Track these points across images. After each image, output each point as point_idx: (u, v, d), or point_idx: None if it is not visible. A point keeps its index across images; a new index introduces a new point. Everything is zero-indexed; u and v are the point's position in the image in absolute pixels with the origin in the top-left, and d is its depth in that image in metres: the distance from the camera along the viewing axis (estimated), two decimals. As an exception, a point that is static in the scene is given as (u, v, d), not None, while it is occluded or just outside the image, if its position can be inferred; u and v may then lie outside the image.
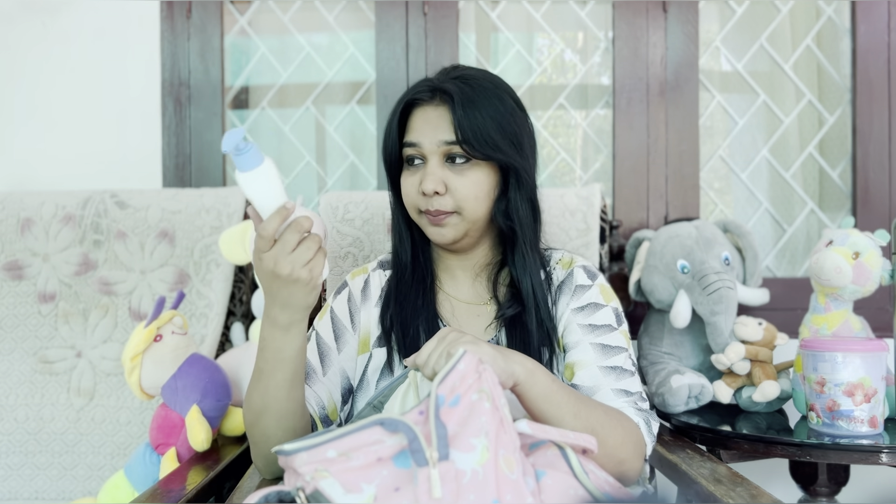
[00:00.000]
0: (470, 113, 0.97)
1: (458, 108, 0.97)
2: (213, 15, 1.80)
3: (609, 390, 0.96)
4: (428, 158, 0.99)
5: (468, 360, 0.75)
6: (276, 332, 0.88)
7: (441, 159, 0.99)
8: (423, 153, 0.99)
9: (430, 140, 0.99)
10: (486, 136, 0.97)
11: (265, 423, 0.92)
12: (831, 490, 1.42)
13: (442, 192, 0.98)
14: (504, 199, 1.01)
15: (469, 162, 0.99)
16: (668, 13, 1.78)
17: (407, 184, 1.02)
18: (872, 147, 1.79)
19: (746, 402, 1.36)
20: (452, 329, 0.85)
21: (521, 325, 1.01)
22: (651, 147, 1.79)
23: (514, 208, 1.01)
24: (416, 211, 1.02)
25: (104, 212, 1.56)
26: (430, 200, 0.98)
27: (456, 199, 0.98)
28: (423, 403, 0.72)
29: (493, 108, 0.99)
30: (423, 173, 0.99)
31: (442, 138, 0.98)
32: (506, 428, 0.72)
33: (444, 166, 0.99)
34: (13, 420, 1.46)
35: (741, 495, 0.92)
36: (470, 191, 0.98)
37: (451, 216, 0.99)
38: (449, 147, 0.98)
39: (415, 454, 0.67)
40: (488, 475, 0.67)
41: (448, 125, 0.98)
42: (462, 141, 0.97)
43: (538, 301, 1.01)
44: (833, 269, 1.29)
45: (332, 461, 0.68)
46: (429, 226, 1.01)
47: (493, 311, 1.05)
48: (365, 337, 1.06)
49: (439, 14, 1.79)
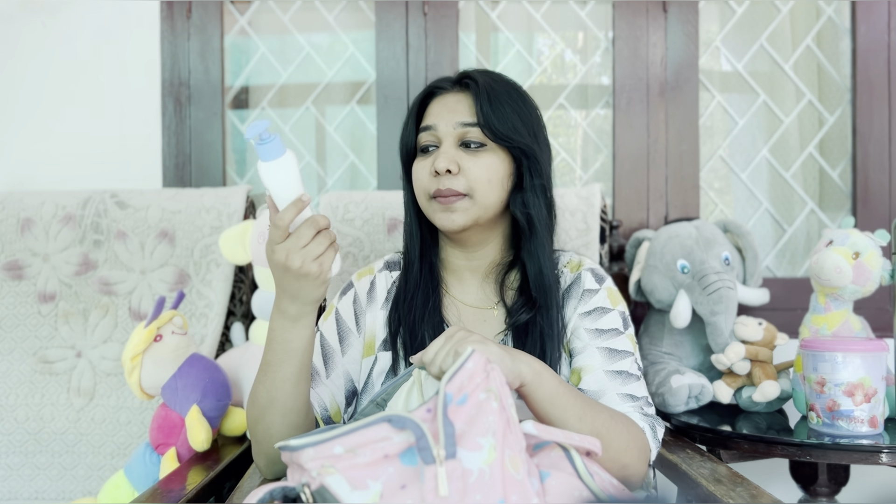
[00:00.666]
0: (493, 97, 0.99)
1: (482, 92, 0.99)
2: (213, 15, 1.80)
3: (615, 395, 0.96)
4: (443, 141, 1.00)
5: (476, 359, 0.75)
6: (286, 324, 0.88)
7: (455, 142, 1.00)
8: (439, 136, 1.00)
9: (445, 122, 1.00)
10: (506, 119, 0.99)
11: (270, 418, 0.92)
12: (831, 490, 1.42)
13: (455, 171, 0.98)
14: (520, 191, 1.02)
15: (484, 147, 1.00)
16: (668, 13, 1.79)
17: (419, 168, 1.02)
18: (872, 147, 1.79)
19: (746, 402, 1.36)
20: (460, 328, 0.85)
21: (532, 329, 1.00)
22: (651, 147, 1.79)
23: (531, 199, 1.01)
24: (427, 196, 1.01)
25: (104, 212, 1.56)
26: (441, 179, 0.98)
27: (468, 180, 0.98)
28: (431, 401, 0.71)
29: (514, 100, 1.01)
30: (436, 154, 0.99)
31: (459, 120, 0.99)
32: (512, 428, 0.72)
33: (459, 149, 1.00)
34: (13, 420, 1.46)
35: (741, 495, 0.92)
36: (483, 173, 0.98)
37: (462, 199, 0.98)
38: (465, 129, 0.99)
39: (422, 452, 0.67)
40: (495, 475, 0.67)
41: (466, 109, 1.00)
42: (483, 124, 0.98)
43: (551, 301, 1.01)
44: (833, 269, 1.29)
45: (339, 457, 0.68)
46: (438, 211, 1.00)
47: (501, 314, 1.04)
48: (370, 340, 1.05)
49: (439, 14, 1.79)
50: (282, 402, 0.91)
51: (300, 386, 0.91)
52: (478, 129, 0.99)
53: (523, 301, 1.02)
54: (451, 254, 1.08)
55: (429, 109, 1.03)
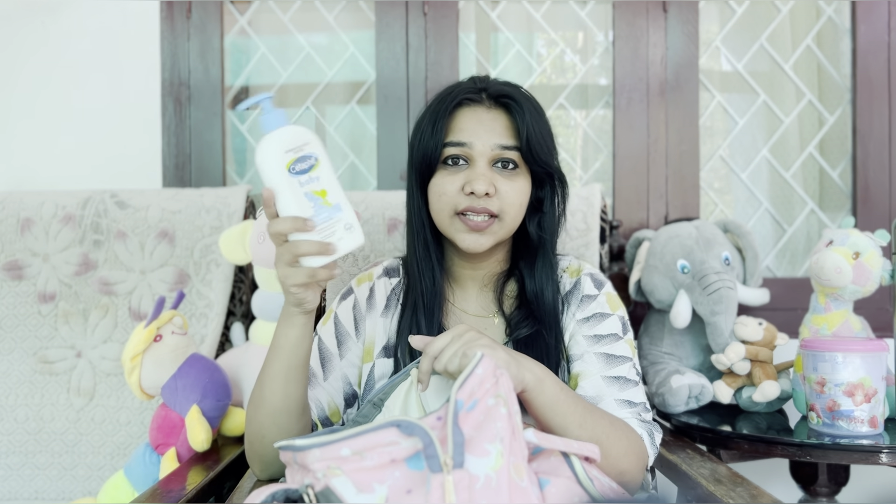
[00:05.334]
0: (533, 120, 0.97)
1: (526, 115, 0.96)
2: (213, 15, 1.80)
3: (612, 400, 0.95)
4: (476, 160, 0.97)
5: (486, 364, 0.74)
6: (281, 319, 0.89)
7: (490, 162, 0.97)
8: (472, 154, 0.97)
9: (483, 142, 0.97)
10: (544, 145, 0.98)
11: (260, 417, 0.92)
12: (831, 490, 1.42)
13: (492, 193, 0.96)
14: (538, 212, 1.02)
15: (517, 169, 0.98)
16: (668, 13, 1.78)
17: (445, 182, 0.98)
18: (872, 147, 1.79)
19: (746, 402, 1.36)
20: (469, 327, 0.84)
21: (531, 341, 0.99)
22: (651, 147, 1.79)
23: (549, 221, 1.02)
24: (451, 213, 0.98)
25: (104, 212, 1.56)
26: (475, 198, 0.96)
27: (502, 203, 0.97)
28: (442, 409, 0.71)
29: (543, 122, 1.00)
30: (471, 174, 0.96)
31: (498, 142, 0.97)
32: (517, 435, 0.72)
33: (493, 170, 0.98)
34: (13, 420, 1.46)
35: (741, 495, 0.92)
36: (517, 197, 0.98)
37: (494, 223, 0.97)
38: (503, 152, 0.97)
39: (429, 459, 0.66)
40: (501, 481, 0.67)
41: (504, 129, 0.97)
42: (526, 149, 0.96)
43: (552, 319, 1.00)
44: (833, 269, 1.29)
45: (346, 459, 0.68)
46: (464, 231, 0.97)
47: (500, 323, 1.04)
48: (369, 346, 1.05)
49: (439, 14, 1.79)
50: (269, 401, 0.91)
51: (289, 387, 0.90)
52: (516, 152, 0.97)
53: (523, 314, 1.01)
54: (456, 263, 1.07)
55: (457, 121, 0.98)
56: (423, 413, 0.84)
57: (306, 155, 0.81)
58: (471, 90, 1.00)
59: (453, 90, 1.01)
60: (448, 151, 0.98)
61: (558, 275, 1.06)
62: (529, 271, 1.02)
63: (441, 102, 1.00)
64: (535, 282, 1.01)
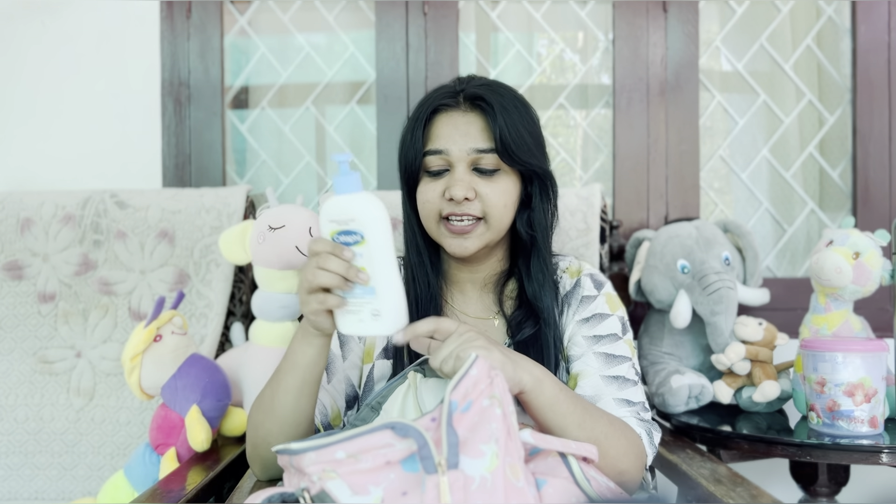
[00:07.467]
0: (508, 120, 0.95)
1: (498, 116, 0.95)
2: (213, 15, 1.80)
3: (611, 400, 0.95)
4: (455, 166, 0.97)
5: (480, 365, 0.74)
6: (298, 335, 0.90)
7: (468, 167, 0.97)
8: (451, 161, 0.97)
9: (458, 147, 0.96)
10: (523, 144, 0.96)
11: (269, 425, 0.92)
12: (831, 490, 1.42)
13: (472, 198, 0.96)
14: (527, 210, 1.01)
15: (498, 171, 0.98)
16: (668, 13, 1.78)
17: (427, 190, 0.98)
18: (872, 147, 1.79)
19: (746, 402, 1.36)
20: (470, 327, 0.85)
21: (533, 341, 0.99)
22: (651, 147, 1.79)
23: (538, 218, 1.01)
24: (437, 218, 0.98)
25: (104, 212, 1.56)
26: (458, 205, 0.96)
27: (485, 205, 0.96)
28: (436, 410, 0.71)
29: (523, 118, 0.98)
30: (450, 180, 0.96)
31: (472, 146, 0.96)
32: (512, 436, 0.72)
33: (472, 174, 0.97)
34: (13, 420, 1.46)
35: (741, 495, 0.92)
36: (500, 198, 0.97)
37: (478, 225, 0.97)
38: (479, 155, 0.96)
39: (424, 461, 0.66)
40: (497, 482, 0.67)
41: (479, 132, 0.96)
42: (501, 150, 0.95)
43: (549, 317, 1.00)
44: (833, 270, 1.29)
45: (341, 462, 0.68)
46: (449, 236, 0.98)
47: (501, 325, 1.04)
48: (370, 347, 1.05)
49: (439, 14, 1.79)
50: (281, 413, 0.91)
51: (301, 401, 0.91)
52: (493, 154, 0.96)
53: (523, 314, 1.01)
54: (453, 266, 1.07)
55: (435, 128, 0.98)
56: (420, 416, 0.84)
57: (349, 231, 0.81)
58: (448, 94, 0.99)
59: (431, 97, 1.01)
60: (429, 162, 0.98)
61: (558, 275, 1.06)
62: (526, 270, 1.02)
63: (419, 109, 1.00)
64: (532, 280, 1.01)
